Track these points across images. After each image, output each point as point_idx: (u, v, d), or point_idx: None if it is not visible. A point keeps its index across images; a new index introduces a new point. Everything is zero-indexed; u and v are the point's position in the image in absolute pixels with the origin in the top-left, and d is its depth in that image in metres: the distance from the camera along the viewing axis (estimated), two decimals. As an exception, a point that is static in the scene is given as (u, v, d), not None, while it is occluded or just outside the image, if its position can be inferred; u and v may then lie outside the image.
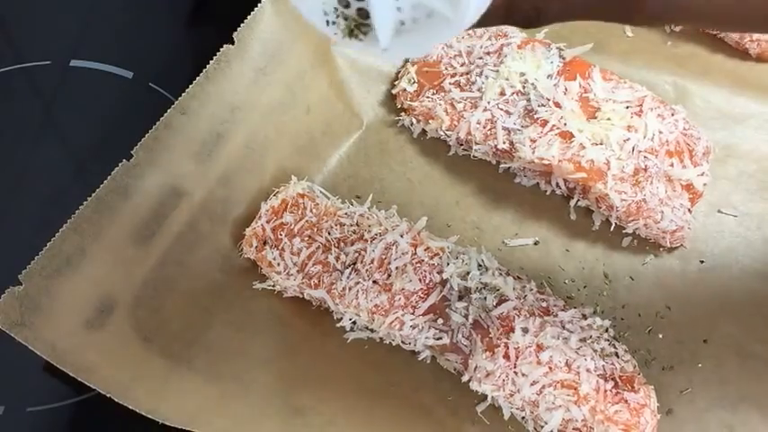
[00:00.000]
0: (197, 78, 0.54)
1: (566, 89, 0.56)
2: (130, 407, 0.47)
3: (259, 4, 0.56)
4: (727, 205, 0.58)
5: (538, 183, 0.60)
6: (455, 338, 0.51)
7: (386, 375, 0.54)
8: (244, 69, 0.56)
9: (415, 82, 0.61)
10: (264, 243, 0.56)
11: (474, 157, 0.61)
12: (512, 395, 0.48)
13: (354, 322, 0.55)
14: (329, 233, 0.55)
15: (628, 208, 0.54)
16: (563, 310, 0.51)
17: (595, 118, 0.55)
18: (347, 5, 0.30)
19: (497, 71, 0.58)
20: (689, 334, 0.54)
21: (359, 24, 0.31)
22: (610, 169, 0.54)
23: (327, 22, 0.31)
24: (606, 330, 0.51)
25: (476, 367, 0.49)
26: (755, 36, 0.60)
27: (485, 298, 0.51)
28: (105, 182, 0.51)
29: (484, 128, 0.58)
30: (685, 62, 0.63)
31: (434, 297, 0.52)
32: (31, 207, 0.62)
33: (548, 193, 0.59)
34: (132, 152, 0.52)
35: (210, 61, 0.54)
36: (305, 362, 0.54)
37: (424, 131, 0.62)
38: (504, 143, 0.57)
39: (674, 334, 0.54)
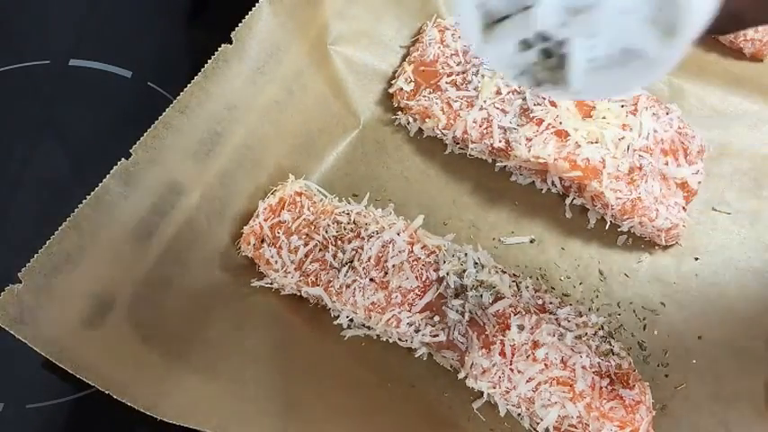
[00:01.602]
0: (195, 77, 0.54)
1: (561, 88, 0.57)
2: (129, 404, 0.47)
3: (257, 4, 0.56)
4: (722, 203, 0.58)
5: (533, 181, 0.60)
6: (451, 336, 0.51)
7: (382, 372, 0.54)
8: (242, 69, 0.56)
9: (411, 81, 0.61)
10: (262, 241, 0.56)
11: (470, 155, 0.61)
12: (508, 392, 0.49)
13: (351, 320, 0.55)
14: (326, 231, 0.55)
15: (623, 206, 0.54)
16: (559, 307, 0.52)
17: (591, 117, 0.55)
18: (528, 47, 0.28)
19: (493, 70, 0.58)
20: (683, 330, 0.54)
21: (547, 69, 0.29)
22: (605, 168, 0.54)
23: (516, 73, 0.30)
24: (601, 327, 0.51)
25: (472, 364, 0.49)
26: (749, 35, 0.61)
27: (481, 295, 0.51)
28: (104, 180, 0.51)
29: (480, 126, 0.58)
30: (680, 61, 0.63)
31: (431, 295, 0.52)
32: (31, 205, 0.62)
33: (543, 192, 0.60)
34: (131, 151, 0.52)
35: (209, 61, 0.54)
36: (302, 359, 0.54)
37: (420, 130, 0.63)
38: (500, 142, 0.57)
39: (669, 330, 0.54)
